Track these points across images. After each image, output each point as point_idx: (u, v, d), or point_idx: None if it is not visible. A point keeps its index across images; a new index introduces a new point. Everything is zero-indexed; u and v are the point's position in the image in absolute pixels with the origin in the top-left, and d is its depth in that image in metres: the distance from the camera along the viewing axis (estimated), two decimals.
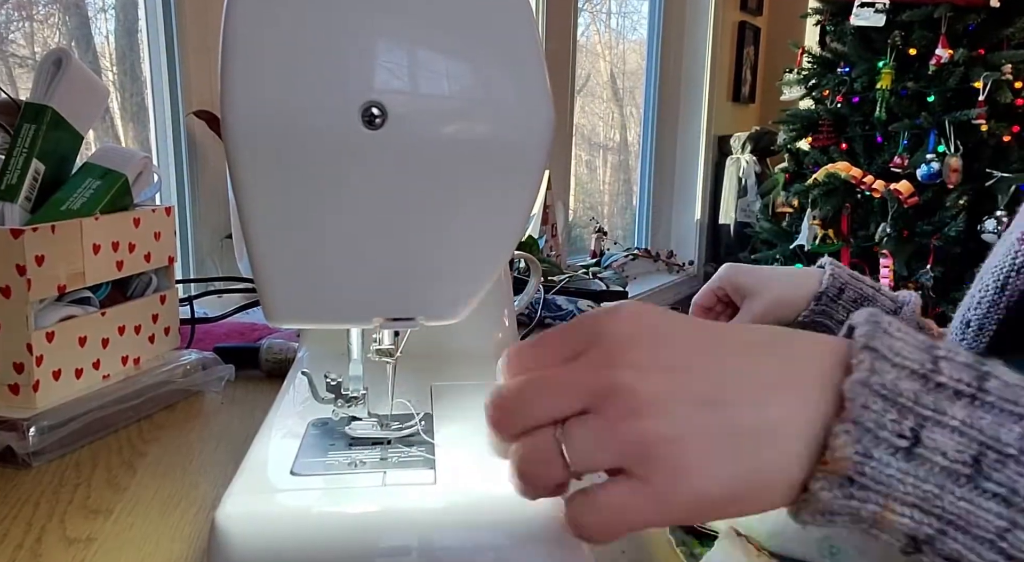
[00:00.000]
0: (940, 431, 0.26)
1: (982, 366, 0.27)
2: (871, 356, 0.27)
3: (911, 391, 0.26)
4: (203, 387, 0.71)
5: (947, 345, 0.28)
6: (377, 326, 0.41)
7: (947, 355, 0.27)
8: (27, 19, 1.40)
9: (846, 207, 2.72)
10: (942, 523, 0.26)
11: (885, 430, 0.26)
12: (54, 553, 0.45)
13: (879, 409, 0.26)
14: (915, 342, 0.28)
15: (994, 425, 0.26)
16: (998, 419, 0.26)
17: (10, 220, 0.61)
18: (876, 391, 0.26)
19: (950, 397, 0.26)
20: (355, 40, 0.35)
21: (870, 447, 0.26)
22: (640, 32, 3.27)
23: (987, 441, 0.26)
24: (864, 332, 0.28)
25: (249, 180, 0.36)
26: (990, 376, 0.27)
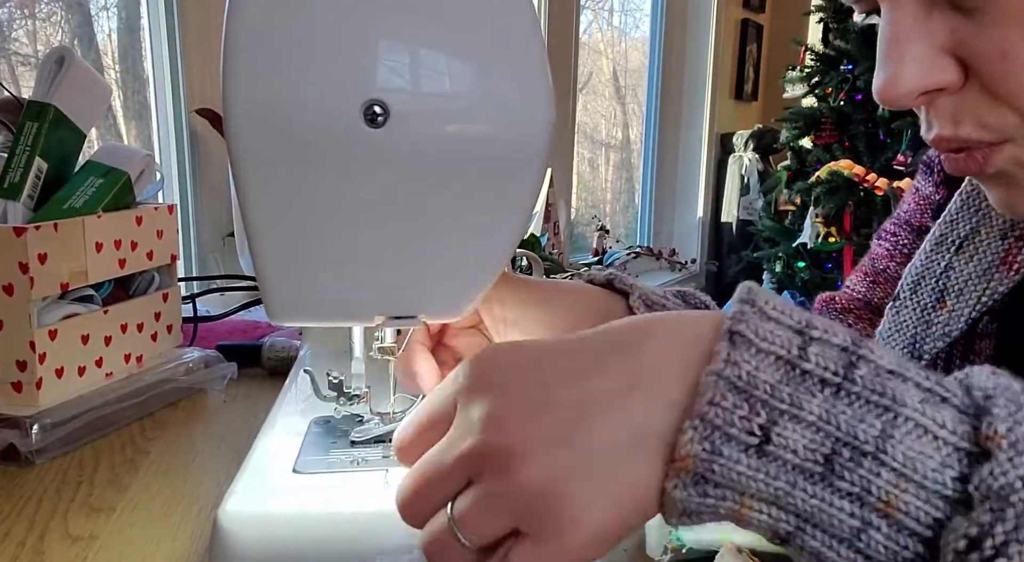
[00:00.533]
0: (793, 427, 0.25)
1: (858, 348, 0.26)
2: (731, 345, 0.26)
3: (769, 383, 0.25)
4: (205, 385, 0.71)
5: (825, 323, 0.27)
6: (379, 324, 0.41)
7: (821, 336, 0.26)
8: (29, 17, 1.40)
9: (849, 205, 2.72)
10: (799, 520, 0.26)
11: (734, 427, 0.25)
12: (56, 551, 0.45)
13: (729, 405, 0.25)
14: (790, 322, 0.27)
15: (853, 420, 0.25)
16: (859, 413, 0.25)
17: (13, 218, 0.61)
18: (731, 383, 0.26)
19: (812, 387, 0.25)
20: (357, 38, 0.35)
21: (719, 444, 0.25)
22: (642, 30, 3.27)
23: (843, 438, 0.25)
24: (732, 314, 0.27)
25: (251, 178, 0.36)
26: (862, 362, 0.26)
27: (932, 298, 0.46)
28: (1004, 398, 0.25)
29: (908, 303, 0.47)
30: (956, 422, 0.25)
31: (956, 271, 0.45)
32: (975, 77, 0.36)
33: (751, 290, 0.28)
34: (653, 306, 0.47)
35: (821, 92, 2.89)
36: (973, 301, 0.43)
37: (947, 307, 0.45)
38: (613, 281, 0.48)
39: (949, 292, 0.45)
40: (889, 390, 0.25)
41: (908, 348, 0.46)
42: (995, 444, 0.24)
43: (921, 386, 0.26)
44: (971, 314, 0.43)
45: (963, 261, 0.45)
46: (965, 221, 0.46)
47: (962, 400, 0.25)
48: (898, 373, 0.26)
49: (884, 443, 0.24)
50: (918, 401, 0.25)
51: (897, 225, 0.59)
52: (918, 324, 0.46)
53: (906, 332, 0.47)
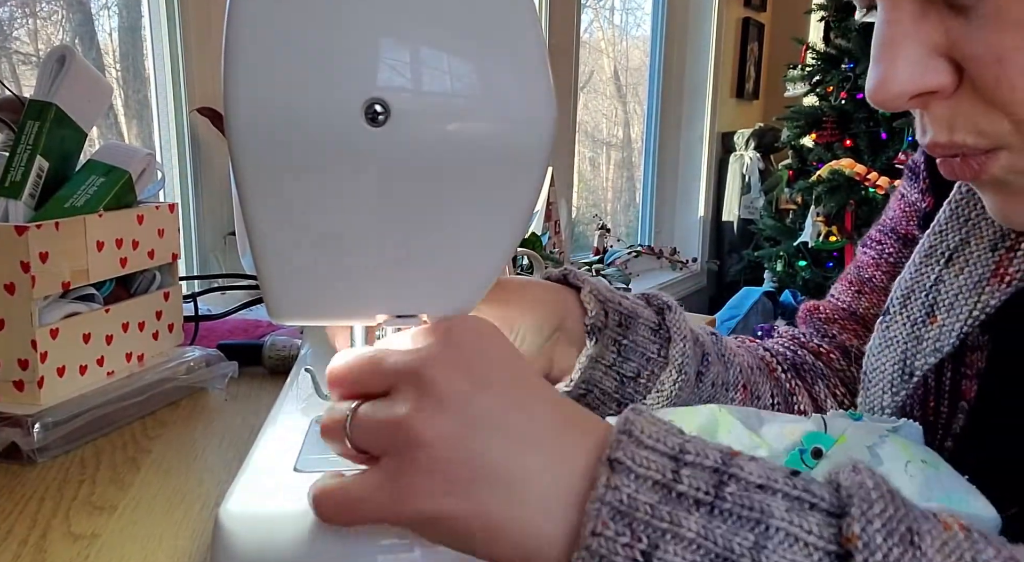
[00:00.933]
0: (674, 547, 0.26)
1: (727, 468, 0.28)
2: (610, 470, 0.28)
3: (648, 504, 0.27)
4: (207, 384, 0.72)
5: (699, 447, 0.29)
6: (380, 323, 0.41)
7: (693, 460, 0.28)
8: (31, 16, 1.40)
9: (850, 204, 2.72)
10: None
11: (618, 556, 0.27)
12: (58, 549, 0.45)
13: (612, 533, 0.27)
14: (664, 449, 0.28)
15: (728, 534, 0.26)
16: (733, 527, 0.26)
17: (14, 217, 0.61)
18: (613, 508, 0.27)
19: (688, 508, 0.27)
20: (358, 37, 0.35)
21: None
22: (644, 28, 3.27)
23: (720, 553, 0.26)
24: (611, 443, 0.29)
25: (252, 177, 0.36)
26: (731, 480, 0.27)
27: (922, 313, 0.45)
28: (858, 497, 0.26)
29: (898, 318, 0.46)
30: (823, 526, 0.26)
31: (946, 284, 0.44)
32: (969, 81, 0.35)
33: (628, 420, 0.30)
34: (606, 302, 0.49)
35: (822, 91, 2.89)
36: (964, 315, 0.42)
37: (938, 322, 0.44)
38: (567, 276, 0.50)
39: (939, 306, 0.44)
40: (757, 504, 0.27)
41: (899, 364, 0.46)
42: (852, 545, 0.25)
43: (789, 496, 0.27)
44: (963, 329, 0.42)
45: (953, 274, 0.44)
46: (954, 232, 0.45)
47: (830, 502, 0.27)
48: (767, 487, 0.27)
49: (759, 554, 0.26)
50: (784, 510, 0.27)
51: (882, 233, 0.57)
52: (908, 340, 0.45)
53: (896, 348, 0.46)
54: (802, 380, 0.57)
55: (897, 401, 0.45)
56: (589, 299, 0.48)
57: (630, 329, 0.48)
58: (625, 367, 0.48)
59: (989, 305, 0.42)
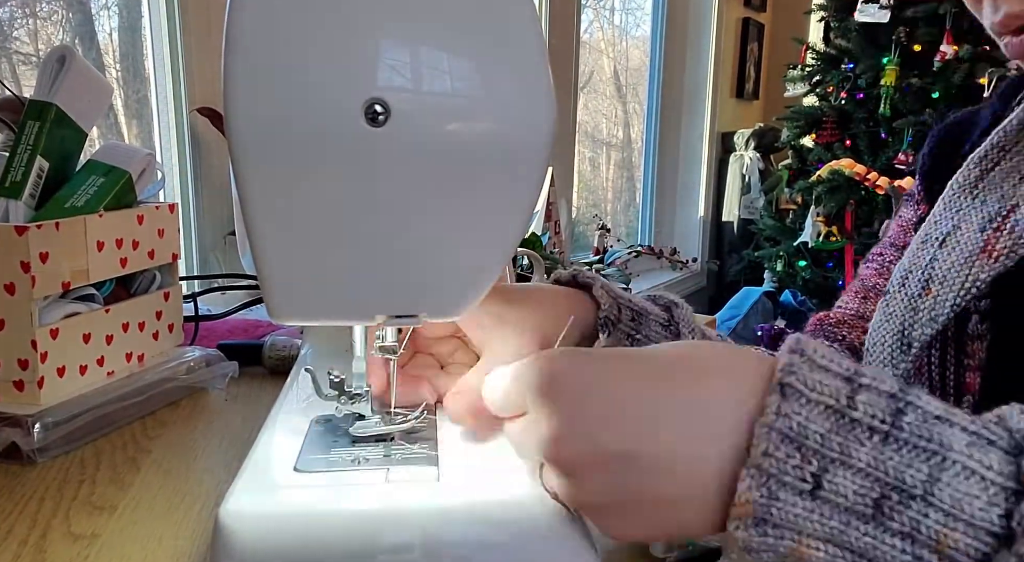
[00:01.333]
0: (844, 473, 0.27)
1: (905, 395, 0.28)
2: (781, 398, 0.28)
3: (819, 433, 0.27)
4: (207, 384, 0.72)
5: (874, 372, 0.28)
6: (380, 323, 0.41)
7: (870, 384, 0.28)
8: (31, 16, 1.40)
9: (850, 204, 2.72)
10: (855, 556, 0.27)
11: (787, 475, 0.27)
12: (58, 549, 0.45)
13: (782, 454, 0.27)
14: (838, 369, 0.28)
15: (901, 465, 0.26)
16: (906, 459, 0.26)
17: (14, 217, 0.61)
18: (783, 434, 0.27)
19: (861, 435, 0.27)
20: (358, 37, 0.35)
21: (775, 489, 0.27)
22: (643, 28, 3.27)
23: (891, 483, 0.26)
24: (783, 366, 0.28)
25: (252, 177, 0.36)
26: (909, 408, 0.27)
27: (918, 288, 0.47)
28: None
29: (897, 295, 0.49)
30: (1003, 463, 0.26)
31: (940, 261, 0.46)
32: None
33: (799, 340, 0.29)
34: (617, 298, 0.49)
35: (822, 91, 2.89)
36: (957, 287, 0.45)
37: (932, 293, 0.46)
38: (576, 277, 0.51)
39: (934, 280, 0.46)
40: (936, 435, 0.27)
41: (897, 336, 0.48)
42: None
43: (968, 430, 0.27)
44: (955, 300, 0.44)
45: (945, 253, 0.46)
46: (947, 220, 0.48)
47: (1008, 441, 0.27)
48: (945, 418, 0.27)
49: (932, 486, 0.26)
50: (964, 444, 0.26)
51: (883, 247, 0.61)
52: (906, 312, 0.47)
53: (895, 321, 0.48)
54: None
55: (897, 373, 0.47)
56: (601, 294, 0.49)
57: (642, 324, 0.49)
58: None
59: (979, 278, 0.44)
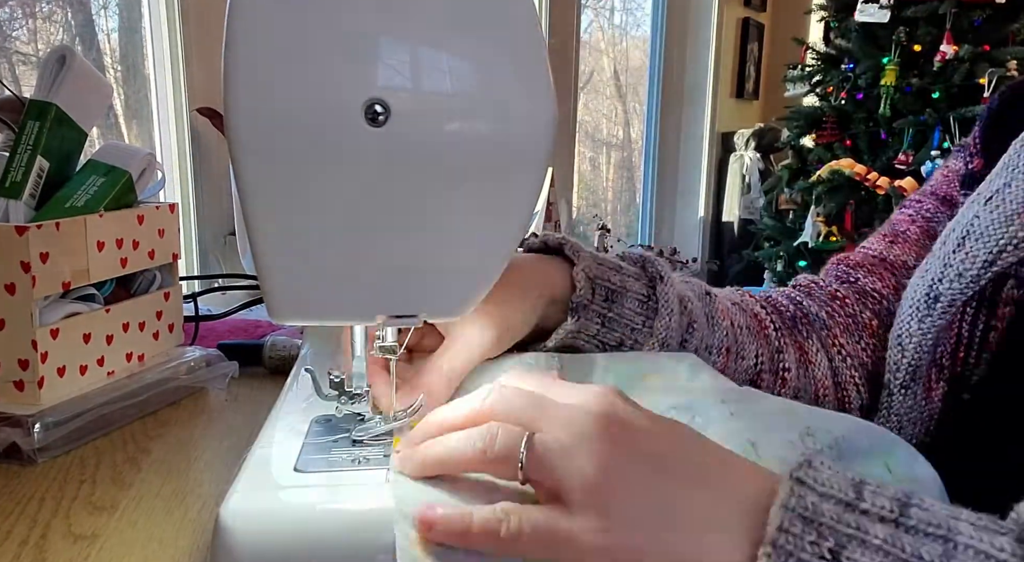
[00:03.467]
0: (861, 550, 0.26)
1: (909, 498, 0.28)
2: (794, 483, 0.28)
3: (833, 513, 0.27)
4: (207, 384, 0.72)
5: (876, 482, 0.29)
6: (380, 323, 0.41)
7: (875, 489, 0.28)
8: (31, 16, 1.40)
9: (850, 204, 2.72)
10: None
11: (805, 552, 0.27)
12: (59, 549, 0.45)
13: (798, 531, 0.27)
14: (843, 477, 0.29)
15: (915, 544, 0.26)
16: (920, 540, 0.26)
17: (14, 217, 0.61)
18: (797, 514, 0.27)
19: (872, 519, 0.27)
20: (358, 37, 0.35)
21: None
22: (643, 28, 3.27)
23: (909, 559, 0.26)
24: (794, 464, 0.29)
25: (253, 177, 0.36)
26: (914, 507, 0.28)
27: (955, 244, 0.46)
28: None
29: (936, 252, 0.48)
30: (1014, 546, 0.26)
31: (981, 218, 0.45)
32: None
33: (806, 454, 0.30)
34: (595, 279, 0.49)
35: (822, 91, 2.89)
36: (991, 245, 0.43)
37: (965, 249, 0.45)
38: (563, 248, 0.50)
39: (970, 236, 0.45)
40: (944, 522, 0.27)
41: (927, 289, 0.47)
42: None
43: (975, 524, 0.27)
44: (987, 257, 0.43)
45: (988, 210, 0.45)
46: (1000, 179, 0.46)
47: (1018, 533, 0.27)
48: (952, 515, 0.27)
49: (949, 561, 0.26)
50: (973, 530, 0.26)
51: (922, 194, 0.59)
52: (939, 267, 0.47)
53: (928, 275, 0.47)
54: (794, 336, 0.58)
55: (924, 327, 0.46)
56: (580, 277, 0.49)
57: (616, 303, 0.50)
58: (608, 337, 0.50)
59: (1017, 237, 0.42)
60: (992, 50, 2.52)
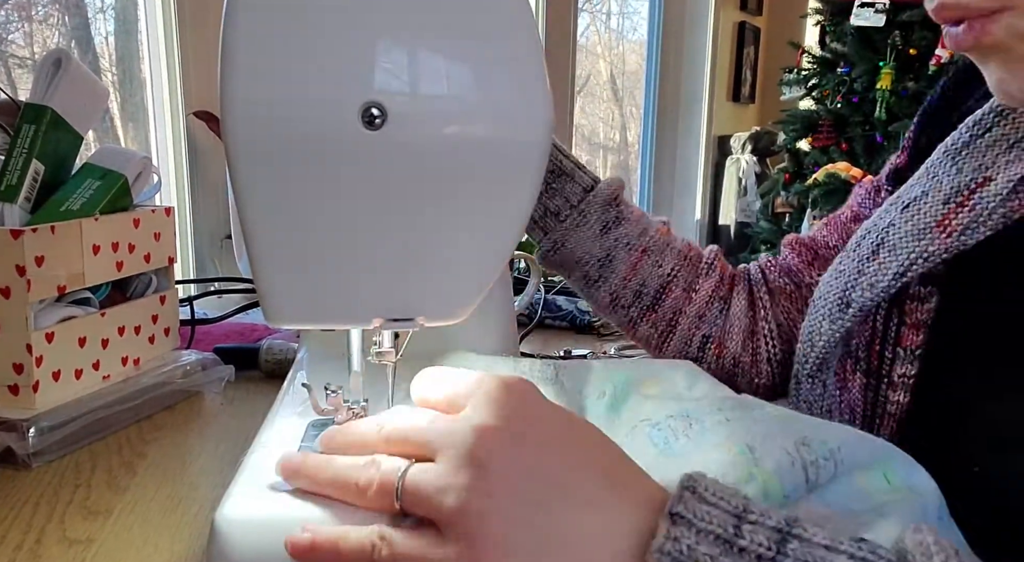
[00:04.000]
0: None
1: (791, 528, 0.28)
2: (671, 523, 0.28)
3: (709, 556, 0.27)
4: (203, 388, 0.71)
5: (762, 509, 0.29)
6: (377, 327, 0.41)
7: (756, 519, 0.28)
8: (26, 20, 1.40)
9: None
10: None
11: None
12: (54, 554, 0.45)
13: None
14: (727, 507, 0.29)
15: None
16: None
17: (10, 221, 0.61)
18: (673, 557, 0.27)
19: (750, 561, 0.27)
20: (355, 40, 0.35)
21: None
22: (640, 32, 3.28)
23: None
24: (673, 497, 0.29)
25: (249, 180, 0.36)
26: (795, 539, 0.28)
27: (869, 251, 0.47)
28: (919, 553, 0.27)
29: (851, 254, 0.49)
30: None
31: (896, 228, 0.46)
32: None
33: (692, 478, 0.30)
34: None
35: (818, 94, 2.90)
36: (903, 257, 0.44)
37: (879, 259, 0.46)
38: None
39: (884, 246, 0.46)
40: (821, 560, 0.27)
41: (839, 294, 0.48)
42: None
43: (854, 557, 0.27)
44: (898, 269, 0.44)
45: (904, 220, 0.46)
46: (919, 185, 0.47)
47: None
48: (831, 547, 0.27)
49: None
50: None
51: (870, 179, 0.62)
52: (852, 273, 0.47)
53: (841, 279, 0.48)
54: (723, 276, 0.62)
55: (834, 328, 0.47)
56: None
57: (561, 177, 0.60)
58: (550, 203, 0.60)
59: (928, 251, 0.43)
60: None
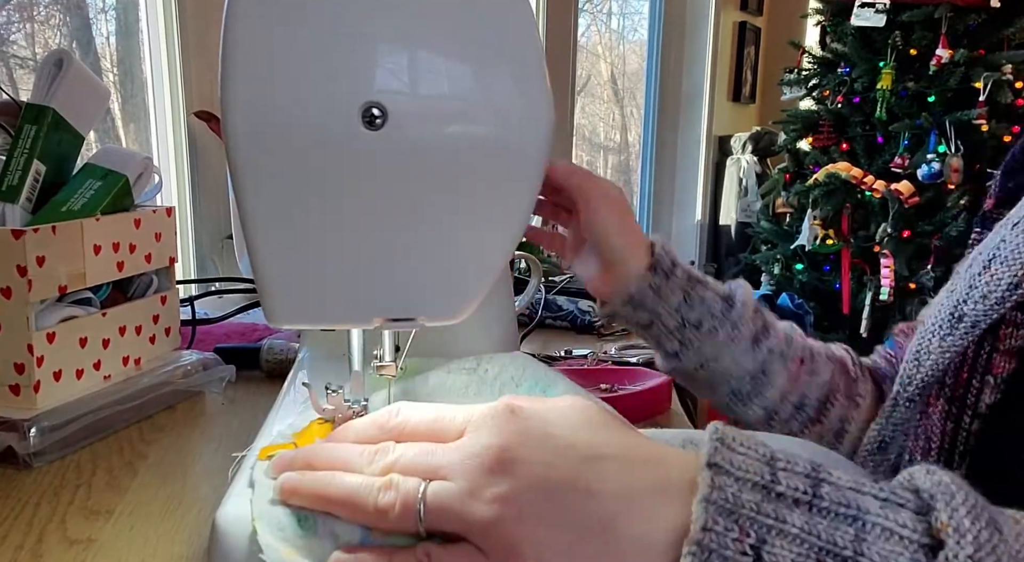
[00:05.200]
0: (781, 541, 0.28)
1: (818, 474, 0.30)
2: (713, 472, 0.29)
3: (753, 503, 0.29)
4: (204, 388, 0.71)
5: (787, 455, 0.30)
6: (378, 326, 0.41)
7: (785, 467, 0.30)
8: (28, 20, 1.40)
9: (847, 207, 2.72)
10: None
11: (728, 549, 0.28)
12: (55, 554, 0.45)
13: (721, 528, 0.28)
14: (756, 455, 0.30)
15: (830, 529, 0.28)
16: (833, 523, 0.28)
17: (11, 221, 0.61)
18: (720, 506, 0.29)
19: (789, 505, 0.29)
20: (355, 41, 0.35)
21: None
22: (640, 33, 3.27)
23: (825, 546, 0.28)
24: (708, 449, 0.30)
25: (250, 180, 0.36)
26: (824, 483, 0.29)
27: (981, 266, 0.47)
28: (940, 492, 0.29)
29: (962, 274, 0.49)
30: (915, 522, 0.28)
31: (1007, 242, 0.46)
32: None
33: (717, 429, 0.31)
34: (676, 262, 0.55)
35: (819, 95, 2.89)
36: (1016, 268, 0.44)
37: (991, 272, 0.46)
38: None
39: (996, 259, 0.46)
40: (853, 502, 0.29)
41: (951, 309, 0.47)
42: (944, 533, 0.27)
43: (878, 497, 0.29)
44: (1012, 280, 0.44)
45: (1015, 234, 0.46)
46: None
47: (915, 503, 0.29)
48: (857, 488, 0.29)
49: (860, 545, 0.28)
50: (879, 507, 0.29)
51: None
52: (964, 289, 0.47)
53: (952, 297, 0.48)
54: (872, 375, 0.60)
55: (944, 346, 0.47)
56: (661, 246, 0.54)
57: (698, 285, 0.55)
58: (690, 314, 0.55)
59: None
60: (987, 54, 2.52)
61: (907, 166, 2.59)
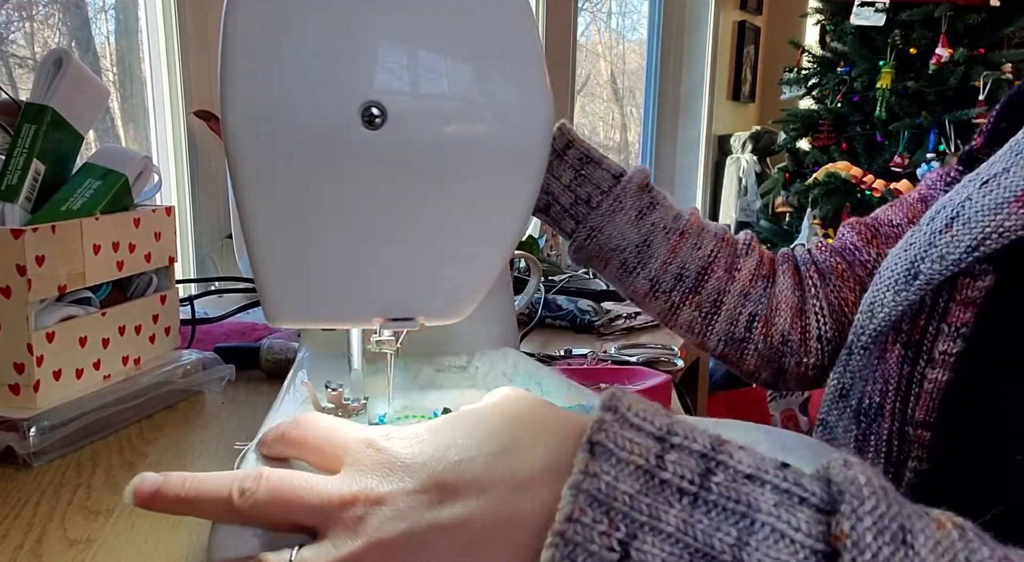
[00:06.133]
0: (652, 540, 0.25)
1: (716, 454, 0.27)
2: (590, 456, 0.27)
3: (628, 494, 0.26)
4: (203, 387, 0.71)
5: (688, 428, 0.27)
6: (377, 326, 0.41)
7: (681, 443, 0.27)
8: (27, 19, 1.40)
9: (846, 206, 2.72)
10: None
11: (594, 543, 0.26)
12: (54, 554, 0.45)
13: (589, 520, 0.26)
14: (650, 429, 0.27)
15: (710, 530, 0.25)
16: (715, 522, 0.25)
17: (10, 220, 0.61)
18: (590, 495, 0.26)
19: (670, 498, 0.26)
20: (355, 40, 0.35)
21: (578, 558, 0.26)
22: (640, 32, 3.27)
23: (701, 548, 0.25)
24: (594, 423, 0.27)
25: (249, 180, 0.36)
26: (719, 468, 0.26)
27: (943, 224, 0.45)
28: (849, 493, 0.25)
29: (923, 228, 0.47)
30: (812, 524, 0.25)
31: (972, 202, 0.44)
32: None
33: (614, 396, 0.28)
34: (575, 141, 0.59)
35: (818, 94, 2.90)
36: (977, 231, 0.42)
37: (952, 232, 0.44)
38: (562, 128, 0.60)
39: (959, 219, 0.44)
40: (744, 496, 0.26)
41: (908, 265, 0.46)
42: (841, 543, 0.24)
43: (778, 488, 0.26)
44: (971, 243, 0.42)
45: (982, 194, 0.44)
46: (1000, 162, 0.45)
47: (820, 497, 0.26)
48: (756, 477, 0.26)
49: (740, 551, 0.25)
50: (772, 505, 0.25)
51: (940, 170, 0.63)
52: (923, 245, 0.46)
53: (911, 251, 0.47)
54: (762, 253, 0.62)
55: (898, 300, 0.46)
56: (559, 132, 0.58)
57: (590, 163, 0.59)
58: (579, 190, 0.59)
59: (1004, 227, 0.41)
60: (987, 53, 2.53)
61: (907, 165, 2.59)
